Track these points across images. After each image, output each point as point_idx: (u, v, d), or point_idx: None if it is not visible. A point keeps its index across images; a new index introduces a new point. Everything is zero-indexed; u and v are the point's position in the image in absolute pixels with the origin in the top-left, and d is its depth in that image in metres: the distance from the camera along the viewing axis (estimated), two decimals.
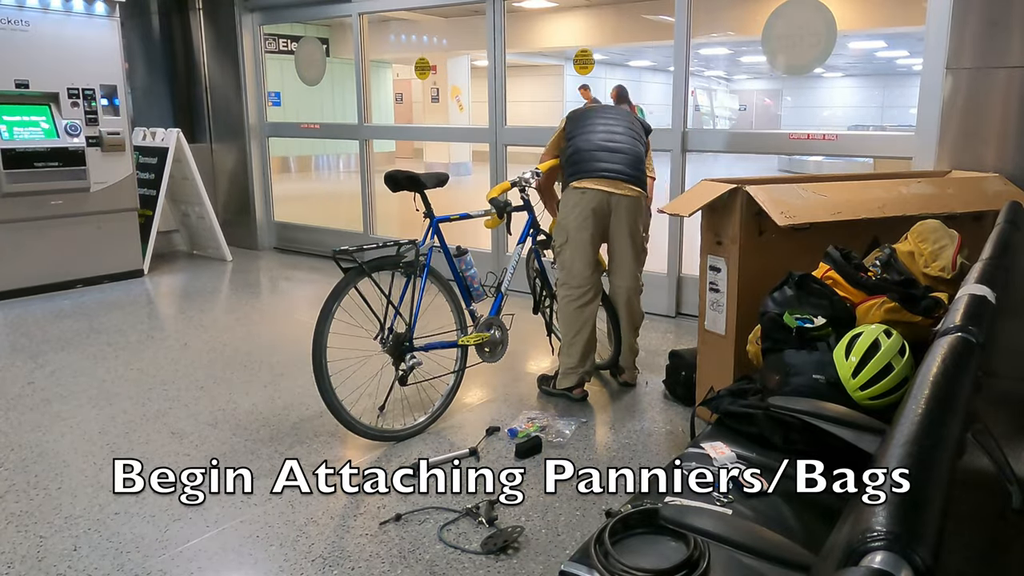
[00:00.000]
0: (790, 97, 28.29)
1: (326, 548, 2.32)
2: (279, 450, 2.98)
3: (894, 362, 1.95)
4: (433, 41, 14.83)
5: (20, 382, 3.73)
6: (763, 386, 2.22)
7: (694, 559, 1.41)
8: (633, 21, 12.55)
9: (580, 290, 3.36)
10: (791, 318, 2.24)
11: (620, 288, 3.48)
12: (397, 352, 3.06)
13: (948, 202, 2.97)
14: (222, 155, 7.13)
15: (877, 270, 2.39)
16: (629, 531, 1.50)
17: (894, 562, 0.63)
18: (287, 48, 11.70)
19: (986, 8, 3.32)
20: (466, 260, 3.35)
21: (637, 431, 3.17)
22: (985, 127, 3.41)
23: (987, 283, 1.51)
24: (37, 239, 5.40)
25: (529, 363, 3.99)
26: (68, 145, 5.40)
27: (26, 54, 5.24)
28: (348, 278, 2.90)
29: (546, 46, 14.03)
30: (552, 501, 2.60)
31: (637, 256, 3.45)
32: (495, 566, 2.23)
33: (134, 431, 3.16)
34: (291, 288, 5.99)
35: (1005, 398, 3.19)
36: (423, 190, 3.16)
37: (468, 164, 16.46)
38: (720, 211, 2.83)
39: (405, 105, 19.14)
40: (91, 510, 2.54)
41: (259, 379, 3.76)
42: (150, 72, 7.01)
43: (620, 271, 3.45)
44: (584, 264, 3.34)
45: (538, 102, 19.32)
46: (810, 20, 3.96)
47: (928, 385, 1.00)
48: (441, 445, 3.04)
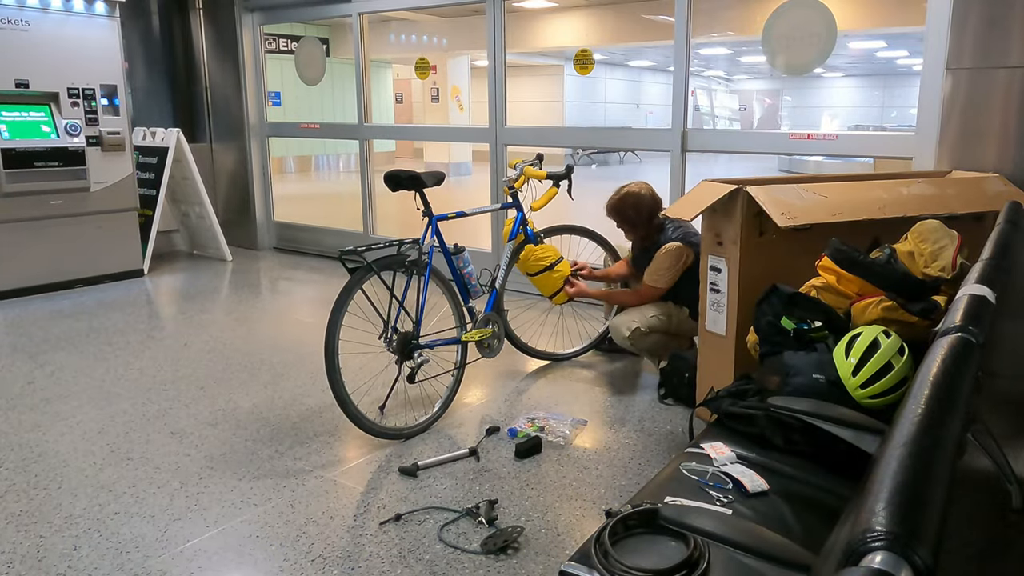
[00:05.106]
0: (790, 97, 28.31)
1: (326, 548, 2.32)
2: (279, 450, 2.99)
3: (893, 361, 1.96)
4: (433, 41, 14.83)
5: (20, 382, 3.73)
6: (762, 387, 2.22)
7: (694, 559, 1.41)
8: (633, 21, 12.55)
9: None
10: (789, 321, 2.25)
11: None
12: (403, 350, 3.06)
13: (948, 202, 2.97)
14: (222, 155, 7.13)
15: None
16: (629, 531, 1.50)
17: (894, 562, 0.63)
18: (287, 48, 11.70)
19: (986, 8, 3.32)
20: (463, 258, 3.37)
21: (637, 431, 3.17)
22: (985, 127, 3.41)
23: (987, 283, 1.51)
24: (37, 239, 5.40)
25: (528, 363, 4.00)
26: (68, 145, 5.40)
27: (26, 54, 5.24)
28: (357, 276, 2.90)
29: (546, 46, 14.03)
30: (552, 501, 2.60)
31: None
32: (495, 566, 2.23)
33: (134, 431, 3.17)
34: (291, 288, 5.99)
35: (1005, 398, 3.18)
36: (422, 189, 3.18)
37: (468, 164, 16.47)
38: (720, 212, 2.83)
39: (405, 105, 19.15)
40: (91, 510, 2.54)
41: (259, 379, 3.76)
42: (150, 72, 7.01)
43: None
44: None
45: (538, 102, 19.34)
46: (810, 20, 3.96)
47: (928, 385, 1.00)
48: (441, 445, 3.04)
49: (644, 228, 3.60)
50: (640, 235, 3.65)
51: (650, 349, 3.60)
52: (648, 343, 3.54)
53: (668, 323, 3.57)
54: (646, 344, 3.55)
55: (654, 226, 3.58)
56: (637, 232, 3.65)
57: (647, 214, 3.56)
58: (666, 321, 3.56)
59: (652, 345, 3.57)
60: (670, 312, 3.57)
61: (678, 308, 3.59)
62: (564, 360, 4.02)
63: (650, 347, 3.58)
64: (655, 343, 3.56)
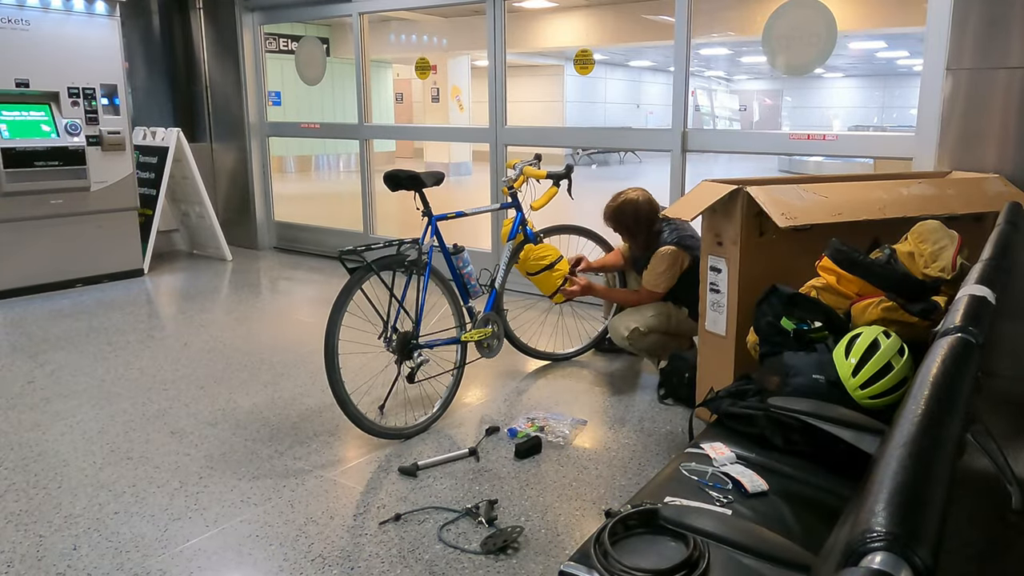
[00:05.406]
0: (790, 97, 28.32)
1: (325, 548, 2.32)
2: (279, 450, 2.99)
3: (893, 361, 1.96)
4: (433, 41, 14.84)
5: (20, 381, 3.73)
6: (762, 388, 2.22)
7: (694, 559, 1.41)
8: (633, 21, 12.56)
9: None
10: (789, 322, 2.25)
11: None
12: (403, 350, 3.06)
13: (948, 203, 2.97)
14: (222, 155, 7.13)
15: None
16: (629, 531, 1.50)
17: (894, 562, 0.63)
18: (287, 48, 11.70)
19: (986, 8, 3.32)
20: (463, 258, 3.37)
21: (637, 431, 3.17)
22: (985, 128, 3.40)
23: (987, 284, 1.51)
24: (37, 238, 5.40)
25: (528, 363, 4.00)
26: (68, 144, 5.39)
27: (26, 53, 5.23)
28: (357, 276, 2.90)
29: (546, 46, 14.03)
30: (552, 501, 2.60)
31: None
32: (495, 566, 2.23)
33: (134, 430, 3.17)
34: (291, 288, 5.99)
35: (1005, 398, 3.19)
36: (421, 189, 3.18)
37: (468, 164, 16.47)
38: (721, 212, 2.83)
39: (405, 105, 19.17)
40: (91, 509, 2.54)
41: (259, 379, 3.76)
42: (150, 71, 7.01)
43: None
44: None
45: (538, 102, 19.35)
46: (810, 20, 3.96)
47: (928, 385, 1.00)
48: (441, 445, 3.04)
49: (643, 235, 3.61)
50: (639, 242, 3.66)
51: (649, 349, 3.60)
52: (647, 343, 3.55)
53: (667, 323, 3.57)
54: (645, 344, 3.55)
55: (653, 232, 3.59)
56: (636, 240, 3.66)
57: (646, 222, 3.57)
58: (665, 321, 3.56)
59: (651, 345, 3.57)
60: (669, 312, 3.58)
61: (677, 308, 3.59)
62: (564, 360, 4.02)
63: (649, 347, 3.58)
64: (654, 343, 3.57)
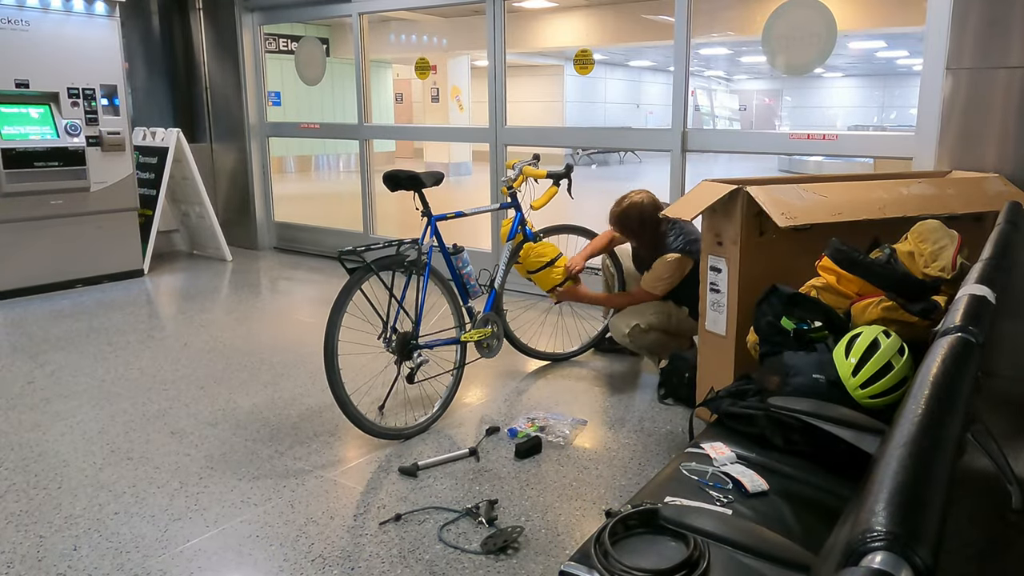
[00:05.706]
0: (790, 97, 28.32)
1: (326, 548, 2.32)
2: (279, 450, 2.98)
3: (893, 361, 1.96)
4: (433, 41, 14.84)
5: (20, 382, 3.73)
6: (762, 388, 2.22)
7: (694, 559, 1.41)
8: (633, 21, 12.56)
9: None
10: (789, 321, 2.25)
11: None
12: (403, 350, 3.06)
13: (948, 202, 2.97)
14: (222, 155, 7.13)
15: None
16: (629, 531, 1.50)
17: (894, 562, 0.63)
18: (287, 48, 11.70)
19: (986, 8, 3.32)
20: (462, 258, 3.38)
21: (637, 431, 3.17)
22: (985, 127, 3.40)
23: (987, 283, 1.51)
24: (37, 239, 5.40)
25: (528, 363, 4.00)
26: (68, 145, 5.39)
27: (26, 54, 5.23)
28: (356, 277, 2.90)
29: (546, 46, 14.04)
30: (552, 501, 2.60)
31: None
32: (495, 566, 2.23)
33: (134, 431, 3.17)
34: (291, 288, 5.99)
35: (1005, 398, 3.19)
36: (421, 189, 3.18)
37: (468, 164, 16.47)
38: (720, 212, 2.83)
39: (405, 105, 19.17)
40: (91, 509, 2.54)
41: (259, 379, 3.76)
42: (150, 72, 7.01)
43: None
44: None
45: (538, 102, 19.35)
46: (810, 20, 3.96)
47: (928, 385, 1.00)
48: (441, 445, 3.04)
49: (649, 236, 3.60)
50: (645, 243, 3.65)
51: (649, 347, 3.60)
52: (647, 341, 3.55)
53: (668, 322, 3.57)
54: (645, 341, 3.55)
55: (659, 233, 3.59)
56: (642, 241, 3.65)
57: (651, 224, 3.56)
58: (666, 320, 3.56)
59: (651, 343, 3.57)
60: (670, 311, 3.58)
61: (678, 307, 3.59)
62: (563, 360, 4.02)
63: (649, 345, 3.58)
64: (654, 341, 3.57)
